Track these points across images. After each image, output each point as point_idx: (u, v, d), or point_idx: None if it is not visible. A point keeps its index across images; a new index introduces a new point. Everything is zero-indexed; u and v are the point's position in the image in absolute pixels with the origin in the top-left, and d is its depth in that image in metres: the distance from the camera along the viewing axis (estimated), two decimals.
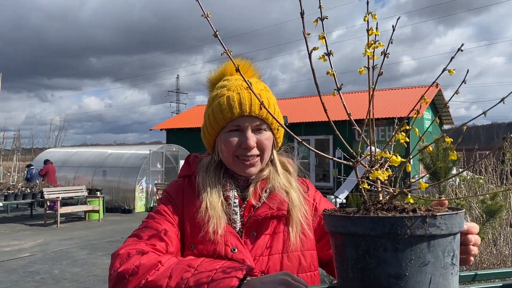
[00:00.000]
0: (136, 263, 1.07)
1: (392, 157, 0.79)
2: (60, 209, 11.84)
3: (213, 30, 0.80)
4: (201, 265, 1.05)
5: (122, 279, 1.06)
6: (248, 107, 1.24)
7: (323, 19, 0.93)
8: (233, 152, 1.27)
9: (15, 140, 26.85)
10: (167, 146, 17.76)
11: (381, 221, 0.73)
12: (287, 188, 1.29)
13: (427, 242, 0.73)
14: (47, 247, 8.89)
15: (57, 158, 18.19)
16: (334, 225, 0.80)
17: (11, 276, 6.65)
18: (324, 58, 0.95)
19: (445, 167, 3.05)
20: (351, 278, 0.78)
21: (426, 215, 0.72)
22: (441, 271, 0.74)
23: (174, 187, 1.34)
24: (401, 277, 0.73)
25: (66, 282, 6.37)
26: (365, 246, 0.75)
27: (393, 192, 0.83)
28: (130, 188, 14.94)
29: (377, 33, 0.86)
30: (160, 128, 25.46)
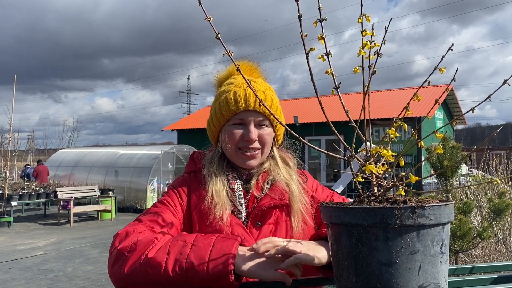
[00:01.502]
0: (133, 240, 1.13)
1: (384, 151, 0.83)
2: (73, 209, 12.02)
3: (215, 32, 0.85)
4: (196, 239, 1.12)
5: (121, 256, 1.12)
6: (253, 102, 1.31)
7: (322, 20, 0.97)
8: (236, 143, 1.34)
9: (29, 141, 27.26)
10: (178, 146, 17.89)
11: (372, 212, 0.78)
12: (288, 181, 1.36)
13: (417, 232, 0.77)
14: (61, 246, 9.04)
15: (70, 159, 18.46)
16: (330, 216, 0.85)
17: (25, 274, 6.79)
18: (323, 58, 0.99)
19: (452, 167, 3.06)
20: (346, 265, 0.83)
21: (415, 206, 0.76)
22: (430, 259, 0.78)
23: (180, 181, 1.41)
24: (391, 264, 0.77)
25: (78, 280, 6.48)
26: (358, 235, 0.79)
27: (386, 185, 0.88)
28: (142, 188, 15.09)
29: (371, 34, 0.90)
30: (171, 128, 25.64)
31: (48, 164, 19.03)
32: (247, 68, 1.44)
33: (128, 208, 15.02)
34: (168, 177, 15.98)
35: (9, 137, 13.52)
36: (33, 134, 28.18)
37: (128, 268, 1.10)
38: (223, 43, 0.87)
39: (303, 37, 0.91)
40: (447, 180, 2.99)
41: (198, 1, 0.85)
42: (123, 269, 1.11)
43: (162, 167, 15.66)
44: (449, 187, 3.13)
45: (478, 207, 4.80)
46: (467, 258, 3.98)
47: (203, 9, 0.86)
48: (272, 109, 1.33)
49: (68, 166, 18.03)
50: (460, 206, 3.18)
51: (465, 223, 2.81)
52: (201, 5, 0.85)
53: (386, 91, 22.07)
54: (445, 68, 0.87)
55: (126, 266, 1.10)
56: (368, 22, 0.90)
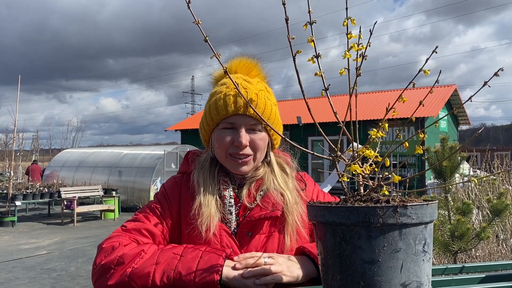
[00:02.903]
0: (119, 254, 1.12)
1: (366, 151, 0.84)
2: (76, 208, 12.08)
3: (204, 35, 0.87)
4: (185, 251, 1.13)
5: (107, 271, 1.11)
6: (243, 106, 1.24)
7: (312, 23, 0.99)
8: (226, 149, 1.28)
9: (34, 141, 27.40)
10: (182, 146, 17.94)
11: (355, 211, 0.79)
12: (283, 190, 1.29)
13: (399, 231, 0.79)
14: (64, 245, 9.10)
15: (74, 159, 18.54)
16: (315, 215, 0.87)
17: (29, 273, 6.84)
18: (313, 61, 1.01)
19: (451, 166, 3.07)
20: (331, 264, 0.84)
21: (397, 205, 0.78)
22: (412, 258, 0.80)
23: (172, 184, 1.37)
24: (374, 262, 0.78)
25: (81, 279, 6.52)
26: (341, 234, 0.81)
27: (372, 185, 0.89)
28: (145, 188, 15.14)
29: (355, 37, 0.91)
30: (175, 129, 25.71)
31: (52, 164, 19.14)
32: (244, 65, 1.36)
33: (131, 208, 15.07)
34: None
35: (13, 137, 13.60)
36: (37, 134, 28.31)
37: (115, 281, 1.09)
38: (211, 46, 0.88)
39: (290, 39, 0.93)
40: (446, 181, 3.00)
41: (187, 4, 0.87)
42: (110, 282, 1.09)
43: (165, 167, 15.71)
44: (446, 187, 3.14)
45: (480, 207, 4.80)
46: (467, 259, 3.98)
47: (191, 12, 0.87)
48: (266, 112, 1.26)
49: (72, 166, 18.11)
50: (459, 207, 3.19)
51: (464, 223, 2.81)
52: (189, 9, 0.87)
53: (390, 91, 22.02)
54: (429, 70, 0.88)
55: (112, 279, 1.09)
56: (353, 25, 0.92)
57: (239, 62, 1.36)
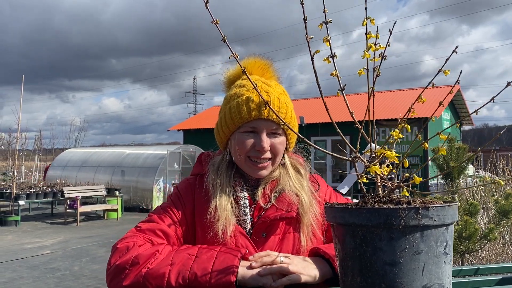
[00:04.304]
0: (134, 254, 1.12)
1: (387, 152, 0.84)
2: (80, 208, 12.09)
3: (222, 35, 0.87)
4: (200, 252, 1.12)
5: (122, 271, 1.10)
6: (267, 110, 1.23)
7: (327, 23, 0.98)
8: (246, 152, 1.27)
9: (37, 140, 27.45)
10: (184, 146, 17.95)
11: (377, 212, 0.78)
12: (298, 191, 1.29)
13: (420, 232, 0.78)
14: (67, 245, 9.11)
15: (77, 158, 18.57)
16: (334, 217, 0.86)
17: (33, 272, 6.85)
18: (328, 60, 1.00)
19: (458, 167, 3.06)
20: (350, 266, 0.83)
21: (419, 207, 0.77)
22: (434, 260, 0.79)
23: (185, 185, 1.36)
24: (395, 264, 0.78)
25: (85, 278, 6.52)
26: (362, 235, 0.80)
27: (391, 186, 0.88)
28: (148, 188, 15.15)
29: (376, 37, 0.91)
30: (177, 128, 25.71)
31: (55, 163, 19.16)
32: (259, 67, 1.35)
33: (134, 207, 15.08)
34: (174, 177, 16.03)
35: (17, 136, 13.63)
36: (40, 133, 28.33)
37: (130, 282, 1.09)
38: (229, 46, 0.88)
39: (308, 39, 0.92)
40: (453, 181, 2.99)
41: (205, 4, 0.86)
42: (125, 283, 1.09)
43: (168, 167, 15.71)
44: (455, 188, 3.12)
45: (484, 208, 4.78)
46: (473, 260, 3.96)
47: (209, 12, 0.87)
48: (287, 117, 1.26)
49: (75, 165, 18.13)
50: (466, 207, 3.18)
51: (471, 224, 2.80)
52: (207, 8, 0.87)
53: (392, 91, 21.99)
54: (449, 70, 0.88)
55: (127, 279, 1.09)
56: (372, 24, 0.91)
57: (254, 63, 1.35)
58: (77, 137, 35.66)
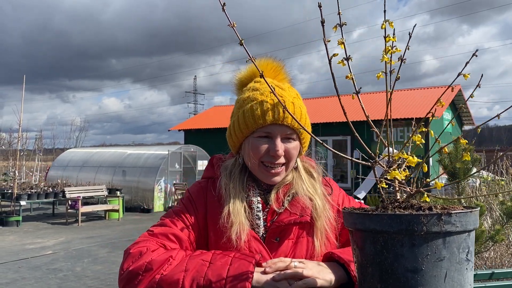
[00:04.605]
0: (147, 259, 1.10)
1: (409, 157, 0.82)
2: (81, 208, 12.08)
3: (239, 38, 0.85)
4: (214, 258, 1.11)
5: (135, 277, 1.09)
6: (282, 116, 1.21)
7: (342, 25, 0.97)
8: (260, 158, 1.25)
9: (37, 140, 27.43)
10: (185, 146, 17.93)
11: (398, 219, 0.77)
12: (311, 195, 1.27)
13: (443, 239, 0.77)
14: (69, 245, 9.10)
15: (78, 158, 18.56)
16: (354, 222, 0.85)
17: (35, 273, 6.84)
18: (343, 63, 0.99)
19: (464, 168, 3.04)
20: (370, 272, 0.82)
21: (441, 213, 0.76)
22: (456, 266, 0.78)
23: (197, 189, 1.35)
24: (417, 271, 0.77)
25: (87, 279, 6.51)
26: (383, 242, 0.79)
27: (410, 191, 0.87)
28: (149, 188, 15.14)
29: (394, 39, 0.90)
30: (178, 129, 25.71)
31: (56, 163, 19.16)
32: (271, 69, 1.33)
33: (135, 207, 15.06)
34: (175, 177, 16.03)
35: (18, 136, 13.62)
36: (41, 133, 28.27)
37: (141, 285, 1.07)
38: (246, 49, 0.87)
39: (326, 42, 0.91)
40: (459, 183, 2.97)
41: (222, 7, 0.85)
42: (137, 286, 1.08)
43: (169, 167, 15.71)
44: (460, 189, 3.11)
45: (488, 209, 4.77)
46: (478, 261, 3.95)
47: (226, 15, 0.86)
48: (301, 121, 1.24)
49: (76, 166, 18.13)
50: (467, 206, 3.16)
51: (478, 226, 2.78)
52: (224, 11, 0.86)
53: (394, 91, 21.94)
54: (469, 74, 0.87)
55: (141, 285, 1.07)
56: (391, 27, 0.90)
57: (267, 65, 1.33)
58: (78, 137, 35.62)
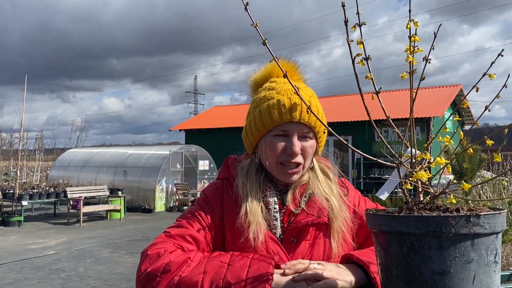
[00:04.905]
0: (165, 261, 1.09)
1: (437, 158, 0.82)
2: (83, 208, 12.07)
3: (262, 38, 0.85)
4: (232, 260, 1.10)
5: (153, 279, 1.08)
6: (299, 114, 1.22)
7: (361, 25, 0.96)
8: (277, 157, 1.25)
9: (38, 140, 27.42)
10: (187, 146, 17.92)
11: (426, 220, 0.77)
12: (328, 195, 1.27)
13: (471, 241, 0.76)
14: (71, 245, 9.09)
15: (79, 158, 18.55)
16: (378, 224, 0.84)
17: (38, 273, 6.84)
18: (362, 63, 0.98)
19: (471, 168, 3.04)
20: (395, 274, 0.82)
21: (470, 215, 0.75)
22: (484, 269, 0.77)
23: (213, 190, 1.34)
24: (445, 273, 0.76)
25: (90, 279, 6.51)
26: (409, 244, 0.78)
27: (434, 192, 0.87)
28: (151, 188, 15.13)
29: (418, 39, 0.89)
30: (179, 128, 25.70)
31: (57, 163, 19.16)
32: (286, 69, 1.29)
33: (137, 208, 15.06)
34: (177, 177, 16.02)
35: (20, 136, 13.61)
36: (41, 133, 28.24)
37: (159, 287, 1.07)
38: (270, 49, 0.86)
39: (349, 42, 0.90)
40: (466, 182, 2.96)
41: (244, 6, 0.84)
42: None
43: (170, 167, 15.70)
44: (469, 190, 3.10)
45: None
46: None
47: (249, 15, 0.85)
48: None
49: (77, 166, 18.12)
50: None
51: None
52: (247, 11, 0.85)
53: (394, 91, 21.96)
54: (495, 74, 0.86)
55: (159, 287, 1.07)
56: (416, 27, 0.89)
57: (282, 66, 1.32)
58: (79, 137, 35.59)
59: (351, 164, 19.01)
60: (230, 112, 26.30)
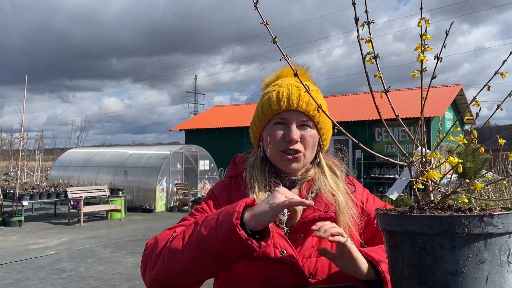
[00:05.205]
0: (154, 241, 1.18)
1: (450, 158, 0.81)
2: (83, 208, 12.06)
3: (272, 37, 0.84)
4: (206, 216, 1.13)
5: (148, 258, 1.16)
6: (296, 101, 1.27)
7: (369, 23, 0.96)
8: (278, 145, 1.28)
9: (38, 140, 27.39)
10: (187, 146, 17.92)
11: (438, 220, 0.76)
12: (334, 191, 1.28)
13: (484, 241, 0.75)
14: (72, 245, 9.09)
15: (79, 158, 18.55)
16: (390, 224, 0.83)
17: (39, 273, 6.83)
18: (370, 62, 0.98)
19: (474, 168, 3.03)
20: (407, 274, 0.81)
21: (483, 214, 0.75)
22: (497, 269, 0.76)
23: (220, 187, 1.37)
24: (458, 273, 0.75)
25: (91, 279, 6.50)
26: (422, 244, 0.78)
27: (445, 191, 0.86)
28: (151, 188, 15.13)
29: (430, 38, 0.88)
30: (179, 128, 25.70)
31: (57, 163, 19.16)
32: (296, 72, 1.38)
33: (137, 207, 15.05)
34: (177, 177, 16.02)
35: (20, 136, 13.60)
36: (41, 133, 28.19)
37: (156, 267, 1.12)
38: (280, 47, 0.85)
39: (360, 40, 0.90)
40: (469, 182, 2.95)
41: (254, 4, 0.84)
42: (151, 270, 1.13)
43: (171, 167, 15.70)
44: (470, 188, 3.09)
45: None
46: None
47: (259, 13, 0.84)
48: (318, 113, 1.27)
49: (77, 166, 18.11)
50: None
51: None
52: (257, 9, 0.84)
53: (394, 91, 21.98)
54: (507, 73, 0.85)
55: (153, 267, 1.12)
56: (428, 25, 0.89)
57: (289, 69, 1.37)
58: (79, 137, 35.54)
59: (351, 164, 19.00)
60: (230, 112, 26.30)
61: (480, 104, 0.87)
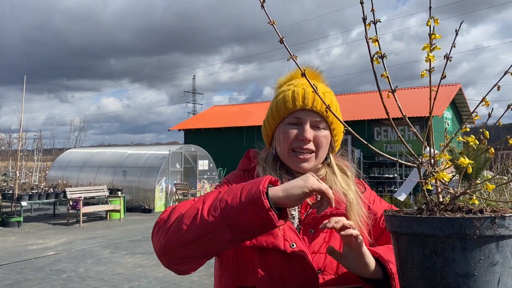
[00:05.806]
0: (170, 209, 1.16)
1: (461, 159, 0.80)
2: (82, 209, 12.03)
3: (279, 36, 0.83)
4: (229, 188, 1.13)
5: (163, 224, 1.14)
6: (311, 101, 1.27)
7: (376, 22, 0.95)
8: (290, 144, 1.29)
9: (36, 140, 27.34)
10: (186, 146, 17.89)
11: (449, 222, 0.75)
12: (345, 190, 1.29)
13: (496, 243, 0.75)
14: (71, 246, 9.06)
15: (78, 159, 18.51)
16: (399, 226, 0.82)
17: (38, 274, 6.81)
18: (377, 61, 0.97)
19: (476, 167, 3.02)
20: (417, 277, 0.80)
21: (495, 216, 0.74)
22: (509, 271, 0.76)
23: (234, 176, 1.38)
24: (469, 276, 0.74)
25: (91, 280, 6.48)
26: (432, 246, 0.77)
27: (455, 193, 0.85)
28: (150, 188, 15.10)
29: (439, 37, 0.87)
30: (178, 128, 25.67)
31: (56, 164, 19.11)
32: (309, 74, 1.39)
33: (136, 208, 15.03)
34: (176, 177, 15.99)
35: (19, 137, 13.57)
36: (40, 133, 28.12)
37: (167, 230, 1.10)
38: (287, 47, 0.84)
39: (368, 40, 0.89)
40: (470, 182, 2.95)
41: (261, 4, 0.83)
42: (164, 232, 1.11)
43: (170, 167, 15.67)
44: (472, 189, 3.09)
45: None
46: None
47: (266, 12, 0.83)
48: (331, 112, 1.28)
49: (76, 166, 18.07)
50: None
51: None
52: (263, 8, 0.83)
53: None
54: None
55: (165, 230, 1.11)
56: (436, 24, 0.88)
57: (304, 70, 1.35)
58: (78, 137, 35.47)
59: None
60: (229, 111, 26.28)
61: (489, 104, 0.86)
